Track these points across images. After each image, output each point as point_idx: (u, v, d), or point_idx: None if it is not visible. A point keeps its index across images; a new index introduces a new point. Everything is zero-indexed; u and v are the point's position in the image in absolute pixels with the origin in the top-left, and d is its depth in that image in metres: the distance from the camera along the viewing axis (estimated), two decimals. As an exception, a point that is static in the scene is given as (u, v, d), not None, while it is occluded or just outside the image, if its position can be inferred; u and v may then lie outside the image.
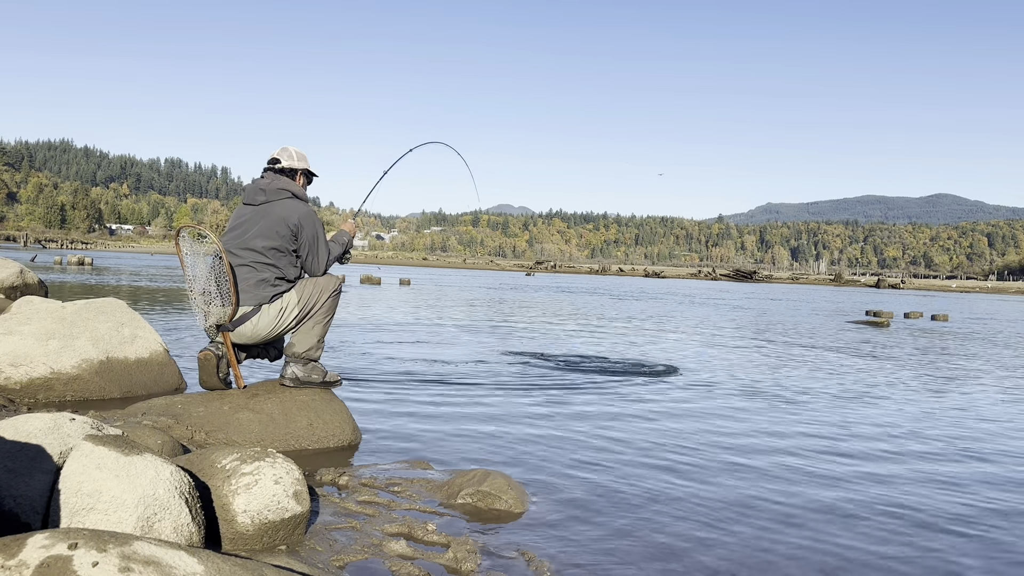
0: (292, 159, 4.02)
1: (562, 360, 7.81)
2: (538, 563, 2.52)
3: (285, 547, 2.41)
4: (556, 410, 5.15)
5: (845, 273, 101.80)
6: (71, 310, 4.74)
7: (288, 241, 3.85)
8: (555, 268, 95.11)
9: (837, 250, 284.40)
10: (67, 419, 2.40)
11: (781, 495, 3.46)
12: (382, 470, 3.45)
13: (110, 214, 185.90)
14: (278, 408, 3.77)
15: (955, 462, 4.27)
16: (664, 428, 4.76)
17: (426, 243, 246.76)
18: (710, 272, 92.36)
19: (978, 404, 6.29)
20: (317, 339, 3.94)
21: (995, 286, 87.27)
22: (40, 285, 9.37)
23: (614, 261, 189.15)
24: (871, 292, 50.45)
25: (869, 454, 4.35)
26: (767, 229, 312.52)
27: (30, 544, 1.60)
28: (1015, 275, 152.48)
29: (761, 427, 4.93)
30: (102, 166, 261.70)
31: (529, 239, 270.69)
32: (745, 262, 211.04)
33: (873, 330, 14.51)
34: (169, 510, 2.06)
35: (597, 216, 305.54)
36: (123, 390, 4.55)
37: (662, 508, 3.19)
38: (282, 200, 3.88)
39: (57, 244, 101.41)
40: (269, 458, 2.50)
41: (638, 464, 3.86)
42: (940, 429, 5.16)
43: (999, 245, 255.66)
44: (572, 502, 3.20)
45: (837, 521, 3.14)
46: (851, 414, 5.55)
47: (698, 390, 6.29)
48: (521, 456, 3.90)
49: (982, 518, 3.29)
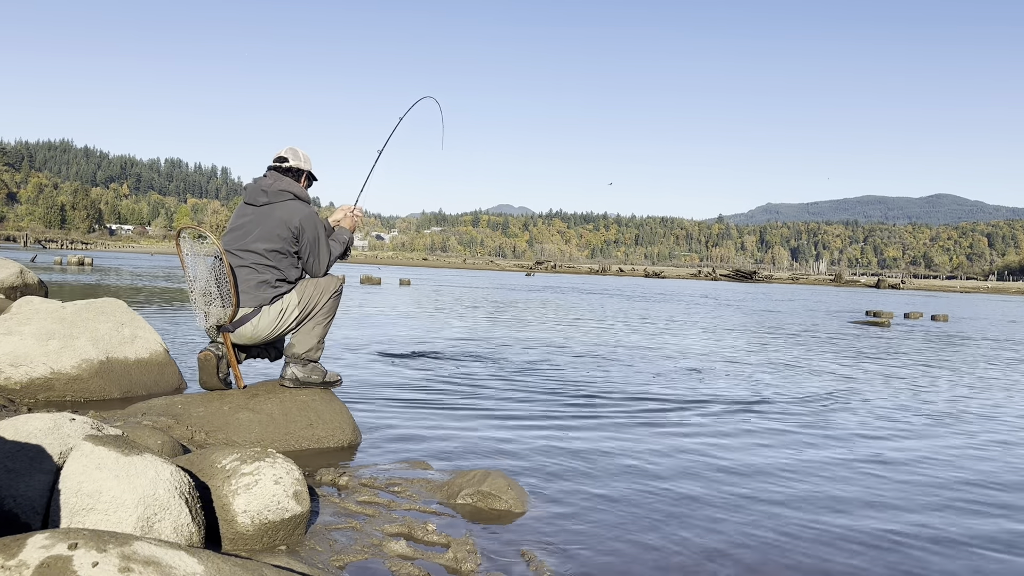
0: (299, 159, 4.02)
1: (562, 360, 7.81)
2: (538, 563, 2.52)
3: (285, 547, 2.41)
4: (556, 411, 5.15)
5: (845, 273, 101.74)
6: (71, 310, 4.74)
7: (289, 243, 3.84)
8: (555, 268, 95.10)
9: (837, 250, 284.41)
10: (67, 419, 2.40)
11: (792, 499, 3.46)
12: (382, 470, 3.45)
13: (110, 214, 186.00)
14: (278, 408, 3.77)
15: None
16: (665, 428, 4.76)
17: (426, 243, 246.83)
18: (710, 272, 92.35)
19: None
20: (317, 340, 3.94)
21: (995, 286, 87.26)
22: (40, 285, 9.38)
23: (614, 261, 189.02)
24: (871, 292, 50.44)
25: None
26: (767, 229, 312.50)
27: (30, 544, 1.60)
28: (1015, 275, 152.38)
29: (772, 430, 4.94)
30: (102, 166, 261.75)
31: (529, 239, 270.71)
32: (745, 262, 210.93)
33: (877, 330, 14.52)
34: (169, 510, 2.06)
35: (597, 216, 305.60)
36: (123, 390, 4.55)
37: (662, 509, 3.19)
38: (284, 202, 3.87)
39: (57, 244, 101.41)
40: (269, 458, 2.50)
41: (638, 465, 3.86)
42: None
43: (999, 245, 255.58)
44: (572, 502, 3.20)
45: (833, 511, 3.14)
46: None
47: (706, 390, 6.30)
48: (521, 456, 3.90)
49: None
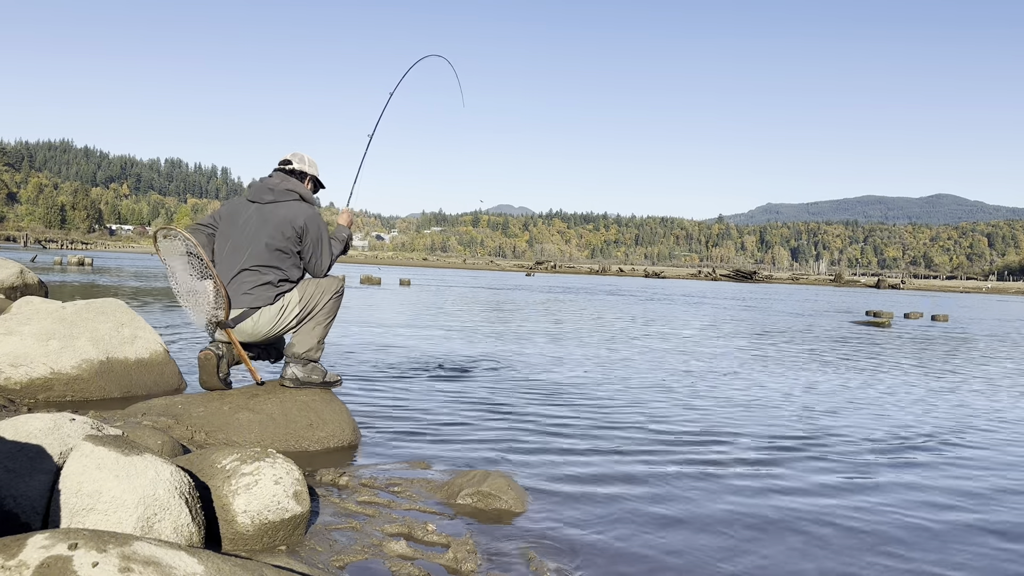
0: (303, 163, 4.09)
1: (562, 361, 7.81)
2: (538, 563, 2.52)
3: (285, 547, 2.41)
4: (556, 411, 5.14)
5: (845, 273, 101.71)
6: (71, 310, 4.73)
7: (293, 243, 3.86)
8: (555, 268, 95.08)
9: (837, 250, 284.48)
10: (67, 419, 2.40)
11: (808, 502, 3.46)
12: (382, 470, 3.45)
13: (110, 214, 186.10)
14: (278, 408, 3.77)
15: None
16: (666, 428, 4.76)
17: (426, 243, 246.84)
18: (710, 272, 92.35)
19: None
20: (317, 340, 3.95)
21: (995, 286, 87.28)
22: (40, 285, 9.37)
23: (614, 261, 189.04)
24: (871, 292, 50.43)
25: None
26: (767, 229, 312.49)
27: (30, 544, 1.60)
28: (1015, 275, 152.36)
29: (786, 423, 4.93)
30: (102, 166, 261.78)
31: (529, 239, 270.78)
32: (745, 262, 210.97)
33: (875, 329, 14.52)
34: (169, 510, 2.06)
35: (597, 216, 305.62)
36: (123, 390, 4.55)
37: (662, 509, 3.19)
38: (288, 202, 3.89)
39: (57, 244, 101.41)
40: (269, 458, 2.50)
41: (639, 466, 3.86)
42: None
43: (999, 245, 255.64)
44: (572, 503, 3.20)
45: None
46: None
47: (709, 393, 6.30)
48: (521, 456, 3.90)
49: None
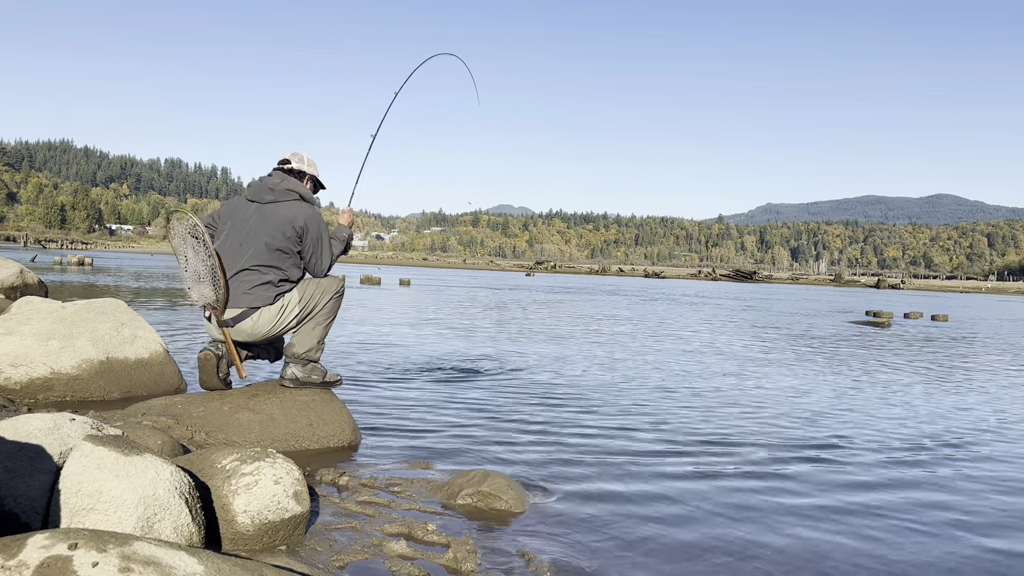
0: (303, 163, 4.08)
1: (563, 361, 7.81)
2: (538, 563, 2.52)
3: (285, 547, 2.41)
4: (557, 411, 5.14)
5: (845, 273, 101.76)
6: (71, 310, 4.73)
7: (293, 243, 3.86)
8: (555, 268, 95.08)
9: (837, 250, 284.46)
10: (67, 419, 2.40)
11: (811, 503, 3.46)
12: (382, 470, 3.45)
13: (110, 214, 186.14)
14: (278, 408, 3.76)
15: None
16: (667, 429, 4.76)
17: (426, 243, 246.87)
18: (710, 272, 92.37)
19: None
20: (317, 340, 3.95)
21: (995, 286, 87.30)
22: (40, 285, 9.37)
23: (614, 261, 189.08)
24: (871, 292, 50.44)
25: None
26: (767, 229, 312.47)
27: (30, 544, 1.60)
28: (1015, 275, 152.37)
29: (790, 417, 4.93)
30: (102, 166, 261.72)
31: (529, 239, 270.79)
32: (745, 262, 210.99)
33: (874, 329, 14.52)
34: (169, 510, 2.06)
35: (597, 216, 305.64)
36: (123, 390, 4.55)
37: (663, 509, 3.19)
38: (289, 202, 3.89)
39: (57, 244, 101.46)
40: (269, 458, 2.50)
41: (639, 466, 3.86)
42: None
43: (999, 245, 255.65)
44: (572, 503, 3.20)
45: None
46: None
47: (716, 393, 6.30)
48: (521, 456, 3.90)
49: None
